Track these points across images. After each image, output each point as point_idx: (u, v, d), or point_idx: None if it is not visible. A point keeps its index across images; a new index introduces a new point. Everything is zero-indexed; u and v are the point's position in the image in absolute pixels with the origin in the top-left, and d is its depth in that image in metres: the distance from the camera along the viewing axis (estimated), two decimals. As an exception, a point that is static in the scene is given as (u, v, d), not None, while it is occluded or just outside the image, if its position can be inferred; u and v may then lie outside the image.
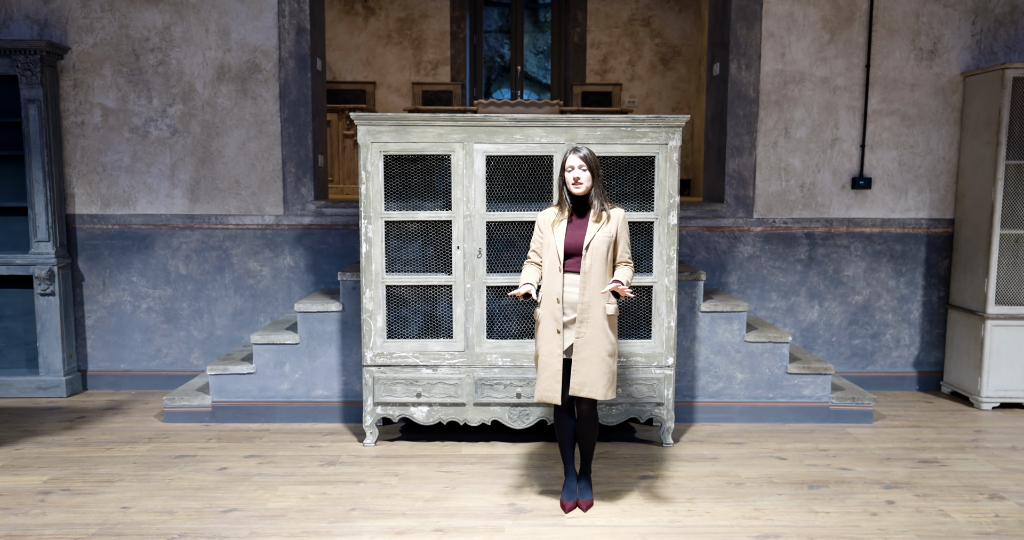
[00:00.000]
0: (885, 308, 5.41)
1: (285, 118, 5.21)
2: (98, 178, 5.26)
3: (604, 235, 3.30)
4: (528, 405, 4.22)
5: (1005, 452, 4.22)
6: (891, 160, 5.31)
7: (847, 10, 5.22)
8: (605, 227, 3.31)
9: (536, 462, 4.02)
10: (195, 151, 5.25)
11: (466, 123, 4.02)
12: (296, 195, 5.25)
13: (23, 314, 5.27)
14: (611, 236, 3.31)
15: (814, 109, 5.28)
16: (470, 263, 4.13)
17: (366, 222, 4.10)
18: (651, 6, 9.86)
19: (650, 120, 4.01)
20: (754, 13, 5.21)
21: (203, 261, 5.32)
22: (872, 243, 5.35)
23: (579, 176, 3.29)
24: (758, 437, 4.42)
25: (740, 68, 5.24)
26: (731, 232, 5.33)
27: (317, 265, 5.32)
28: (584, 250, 3.29)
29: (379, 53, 9.93)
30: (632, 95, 9.90)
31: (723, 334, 4.59)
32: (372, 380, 4.21)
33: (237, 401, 4.60)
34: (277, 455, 4.10)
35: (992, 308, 4.96)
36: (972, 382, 5.08)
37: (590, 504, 3.45)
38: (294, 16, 5.16)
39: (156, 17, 5.17)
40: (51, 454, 4.09)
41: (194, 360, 5.37)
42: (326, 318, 4.57)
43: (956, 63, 5.26)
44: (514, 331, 4.24)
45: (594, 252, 3.28)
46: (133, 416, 4.77)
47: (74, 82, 5.20)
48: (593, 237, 3.29)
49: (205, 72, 5.20)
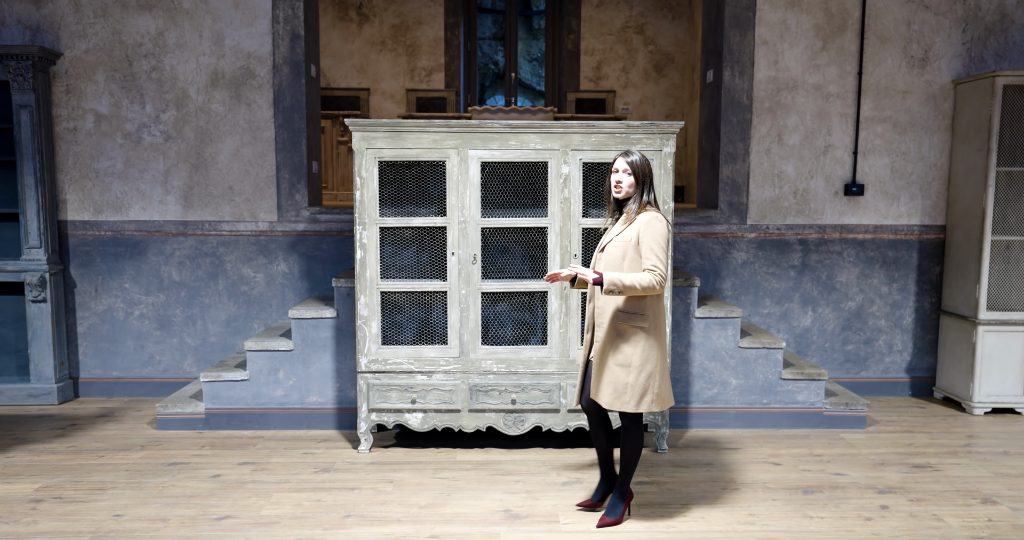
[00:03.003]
0: (878, 314, 5.43)
1: (279, 124, 5.20)
2: (90, 184, 5.24)
3: (623, 239, 3.15)
4: (523, 411, 4.22)
5: (997, 457, 4.24)
6: (883, 167, 5.34)
7: (839, 18, 5.26)
8: (627, 231, 3.16)
9: (531, 468, 4.01)
10: (189, 157, 5.24)
11: (461, 129, 4.03)
12: (290, 201, 5.25)
13: (14, 321, 5.24)
14: (630, 240, 3.13)
15: (807, 116, 5.30)
16: (465, 269, 4.13)
17: (361, 228, 4.10)
18: (644, 13, 9.91)
19: (644, 127, 4.03)
20: (747, 21, 5.24)
21: (196, 267, 5.30)
22: (865, 249, 5.37)
23: (620, 180, 3.19)
24: (752, 443, 4.42)
25: (734, 75, 5.27)
26: (725, 238, 5.35)
27: (311, 271, 5.31)
28: (599, 252, 3.24)
29: (373, 60, 9.94)
30: (626, 102, 9.94)
31: (717, 340, 4.60)
32: (367, 386, 4.20)
33: (231, 408, 4.58)
34: (271, 462, 4.08)
35: (984, 314, 4.98)
36: (964, 387, 5.10)
37: (605, 523, 3.28)
38: (288, 22, 5.16)
39: (150, 23, 5.16)
40: (42, 462, 4.06)
41: (187, 367, 5.35)
42: (320, 324, 4.56)
43: (947, 71, 5.30)
44: (509, 337, 4.24)
45: (607, 256, 3.17)
46: (125, 423, 4.74)
47: (67, 88, 5.19)
48: (610, 240, 3.20)
49: (199, 78, 5.20)
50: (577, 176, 4.07)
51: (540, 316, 4.24)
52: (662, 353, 3.21)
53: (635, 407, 3.16)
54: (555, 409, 4.21)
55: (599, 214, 4.15)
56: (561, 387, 4.19)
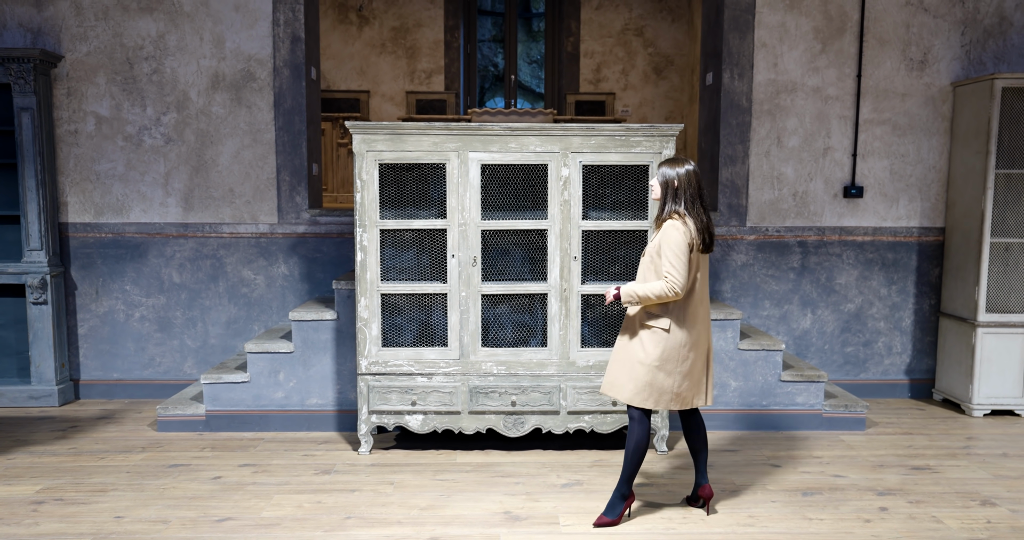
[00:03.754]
0: (877, 316, 5.44)
1: (279, 127, 5.21)
2: (91, 186, 5.25)
3: (650, 246, 3.27)
4: (523, 413, 4.23)
5: (996, 459, 4.24)
6: (882, 169, 5.35)
7: (838, 21, 5.27)
8: (655, 238, 3.25)
9: (531, 470, 4.02)
10: (189, 159, 5.25)
11: (461, 132, 4.04)
12: (290, 203, 5.26)
13: (15, 323, 5.25)
14: (654, 248, 3.23)
15: (806, 118, 5.32)
16: (465, 271, 4.14)
17: (361, 230, 4.11)
18: (644, 16, 9.93)
19: (644, 129, 4.04)
20: (746, 23, 5.25)
21: (197, 269, 5.31)
22: (864, 251, 5.38)
23: (653, 186, 3.29)
24: (752, 444, 4.43)
25: (733, 78, 5.28)
26: (724, 240, 5.36)
27: (311, 274, 5.31)
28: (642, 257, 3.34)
29: (373, 62, 9.96)
30: (625, 104, 9.95)
31: (717, 342, 4.61)
32: (367, 388, 4.21)
33: (231, 410, 4.59)
34: (272, 464, 4.09)
35: (983, 316, 4.99)
36: (963, 389, 5.11)
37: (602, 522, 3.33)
38: (288, 25, 5.17)
39: (150, 25, 5.18)
40: (43, 464, 4.07)
41: (188, 369, 5.36)
42: (321, 326, 4.56)
43: (946, 73, 5.31)
44: (509, 339, 4.25)
45: (642, 263, 3.30)
46: (126, 425, 4.75)
47: (68, 90, 5.20)
48: (645, 249, 3.32)
49: (199, 81, 5.21)
50: (577, 178, 4.08)
51: (540, 318, 4.25)
52: (685, 356, 3.21)
53: (628, 398, 3.23)
54: (555, 411, 4.22)
55: (599, 216, 4.17)
56: (561, 389, 4.19)
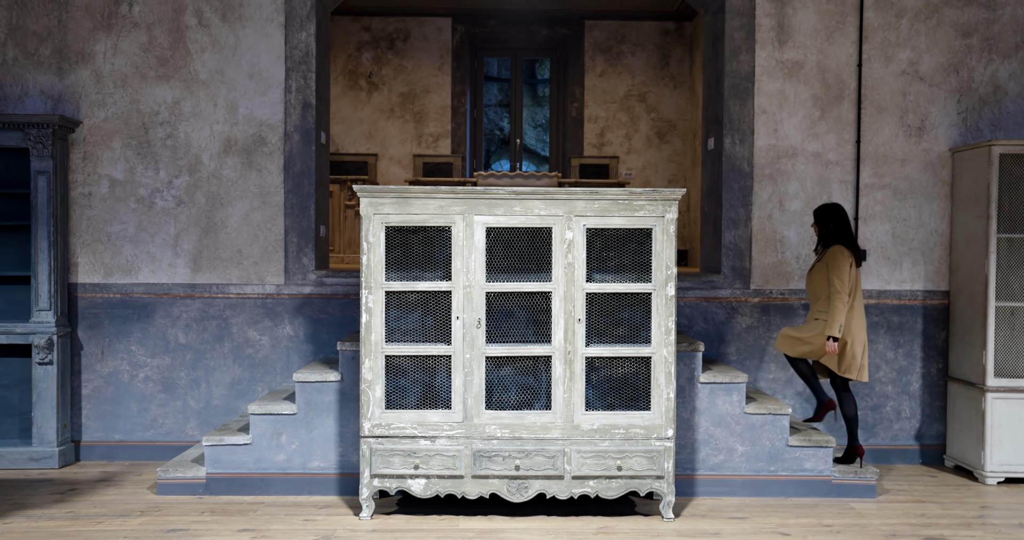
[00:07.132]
0: (884, 380, 5.40)
1: (289, 189, 5.31)
2: (102, 247, 5.32)
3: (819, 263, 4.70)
4: (527, 477, 4.17)
5: (1012, 529, 4.15)
6: (885, 233, 5.39)
7: (836, 89, 5.40)
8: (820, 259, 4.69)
9: (535, 537, 3.93)
10: (199, 221, 5.33)
11: (467, 195, 4.11)
12: (297, 264, 5.31)
13: (19, 383, 5.24)
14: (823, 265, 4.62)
15: (807, 183, 5.39)
16: (469, 333, 4.15)
17: (367, 292, 4.14)
18: (646, 82, 10.17)
19: (647, 193, 4.10)
20: (746, 91, 5.38)
21: (203, 330, 5.33)
22: (869, 314, 5.37)
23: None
24: (760, 512, 4.34)
25: (734, 143, 5.38)
26: (729, 303, 5.37)
27: (316, 334, 5.33)
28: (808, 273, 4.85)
29: (382, 126, 10.18)
30: (629, 167, 10.11)
31: (723, 405, 4.57)
32: (370, 452, 4.16)
33: (232, 473, 4.53)
34: (271, 529, 4.02)
35: (991, 381, 4.95)
36: (975, 456, 5.02)
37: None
38: (300, 92, 5.32)
39: (167, 92, 5.33)
40: (40, 528, 4.01)
41: (190, 430, 5.32)
42: (324, 388, 4.55)
43: (944, 139, 5.40)
44: (513, 402, 4.22)
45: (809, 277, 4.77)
46: (126, 488, 4.69)
47: (84, 154, 5.32)
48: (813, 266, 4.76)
49: (212, 145, 5.33)
50: (581, 241, 4.12)
51: (544, 381, 4.23)
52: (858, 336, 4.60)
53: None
54: (559, 476, 4.16)
55: (603, 279, 4.19)
56: (565, 453, 4.14)
